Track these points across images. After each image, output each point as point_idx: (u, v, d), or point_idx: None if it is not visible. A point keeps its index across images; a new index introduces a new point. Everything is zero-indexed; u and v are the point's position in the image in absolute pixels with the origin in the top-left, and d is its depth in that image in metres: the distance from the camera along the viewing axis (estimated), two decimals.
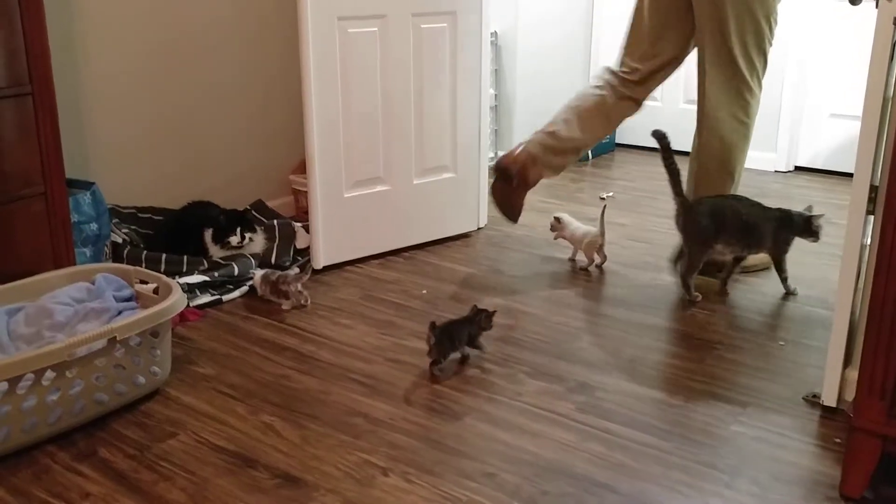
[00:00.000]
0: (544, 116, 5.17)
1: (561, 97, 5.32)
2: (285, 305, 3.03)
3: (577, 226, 3.46)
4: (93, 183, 3.03)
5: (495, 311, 2.67)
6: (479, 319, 2.63)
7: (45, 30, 2.58)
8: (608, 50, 5.44)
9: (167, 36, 3.44)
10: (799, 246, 3.08)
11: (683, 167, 5.03)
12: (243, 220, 3.31)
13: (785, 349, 2.72)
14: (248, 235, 3.28)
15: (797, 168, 4.93)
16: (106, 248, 3.06)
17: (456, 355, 2.61)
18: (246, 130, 3.83)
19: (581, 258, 3.46)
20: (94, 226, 2.96)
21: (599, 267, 3.42)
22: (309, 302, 3.05)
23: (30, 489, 2.02)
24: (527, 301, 3.09)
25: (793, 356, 2.67)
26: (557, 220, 3.50)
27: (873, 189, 2.21)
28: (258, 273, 3.11)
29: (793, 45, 4.72)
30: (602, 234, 3.36)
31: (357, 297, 3.15)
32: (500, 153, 4.98)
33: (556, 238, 3.55)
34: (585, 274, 3.36)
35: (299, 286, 3.02)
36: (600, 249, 3.39)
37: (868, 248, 2.30)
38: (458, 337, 2.58)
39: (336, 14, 3.17)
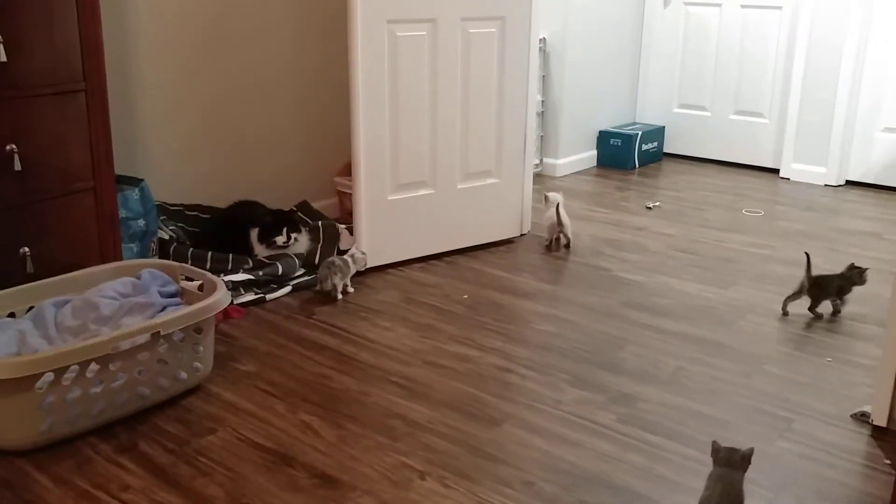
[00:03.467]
0: (590, 123, 5.18)
1: (608, 105, 5.32)
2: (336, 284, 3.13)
3: (551, 209, 3.70)
4: (141, 180, 3.06)
5: (867, 269, 2.95)
6: (853, 275, 2.96)
7: (100, 26, 2.62)
8: (658, 58, 5.41)
9: (217, 36, 3.47)
10: (849, 261, 3.02)
11: (729, 179, 4.98)
12: (289, 220, 3.33)
13: (833, 365, 2.66)
14: (293, 235, 3.29)
15: (848, 182, 4.83)
16: (153, 245, 3.10)
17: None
18: (293, 132, 3.85)
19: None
20: (141, 222, 2.99)
21: (562, 246, 3.74)
22: (350, 289, 3.18)
23: (72, 479, 2.04)
24: (569, 309, 3.07)
25: (841, 373, 2.61)
26: (546, 197, 3.79)
27: None
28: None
29: (846, 58, 4.63)
30: (559, 223, 3.65)
31: (398, 299, 3.15)
32: (546, 160, 4.98)
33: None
34: (630, 283, 3.32)
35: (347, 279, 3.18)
36: (560, 234, 3.71)
37: None
38: (827, 288, 2.96)
39: (385, 17, 3.18)
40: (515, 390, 2.49)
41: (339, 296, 3.13)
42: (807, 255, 2.98)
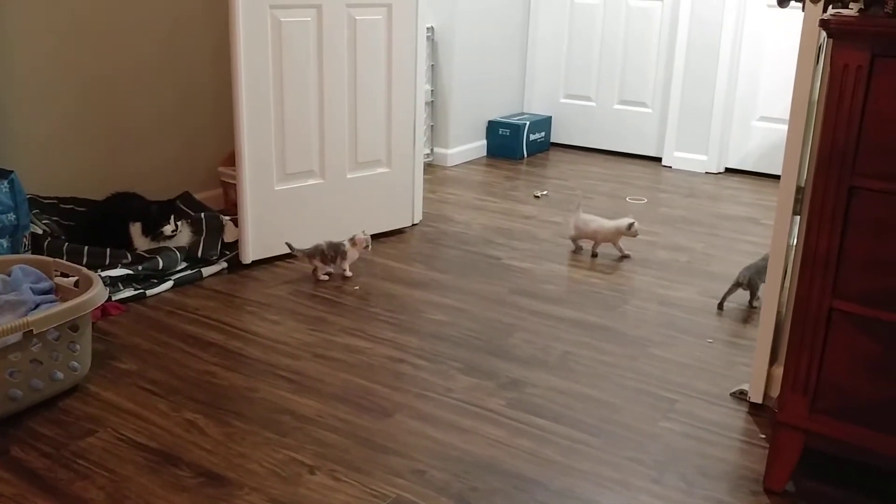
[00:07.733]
0: (479, 113, 5.21)
1: (497, 94, 5.36)
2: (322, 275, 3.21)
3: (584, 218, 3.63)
4: (11, 171, 2.91)
5: None
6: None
7: None
8: (544, 49, 5.48)
9: (89, 18, 3.33)
10: (728, 246, 3.12)
11: (613, 168, 5.09)
12: (174, 208, 3.24)
13: (714, 347, 2.75)
14: (179, 224, 3.21)
15: (727, 170, 5.01)
16: (25, 240, 2.95)
17: None
18: (173, 120, 3.73)
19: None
20: (11, 216, 2.84)
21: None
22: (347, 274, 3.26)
23: None
24: (460, 298, 3.08)
25: (722, 354, 2.70)
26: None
27: (799, 190, 2.24)
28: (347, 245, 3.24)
29: (723, 50, 4.80)
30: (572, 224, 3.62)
31: (287, 292, 3.09)
32: (437, 150, 4.98)
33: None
34: (519, 271, 3.35)
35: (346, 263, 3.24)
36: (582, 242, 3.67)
37: (794, 248, 2.34)
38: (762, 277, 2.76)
39: (268, 2, 3.11)
40: (407, 380, 2.48)
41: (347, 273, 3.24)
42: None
